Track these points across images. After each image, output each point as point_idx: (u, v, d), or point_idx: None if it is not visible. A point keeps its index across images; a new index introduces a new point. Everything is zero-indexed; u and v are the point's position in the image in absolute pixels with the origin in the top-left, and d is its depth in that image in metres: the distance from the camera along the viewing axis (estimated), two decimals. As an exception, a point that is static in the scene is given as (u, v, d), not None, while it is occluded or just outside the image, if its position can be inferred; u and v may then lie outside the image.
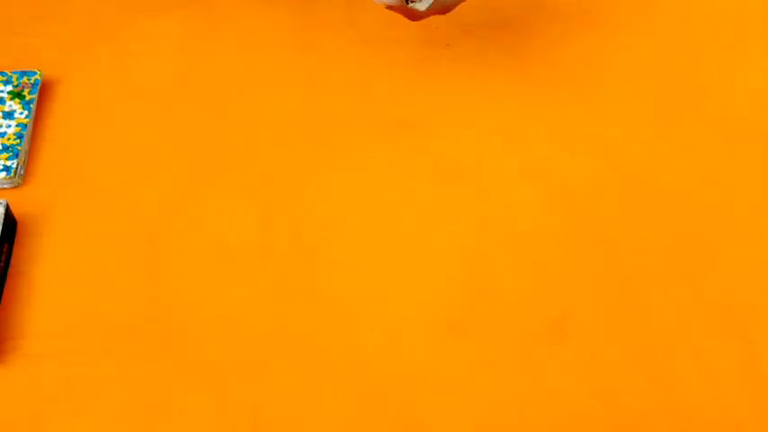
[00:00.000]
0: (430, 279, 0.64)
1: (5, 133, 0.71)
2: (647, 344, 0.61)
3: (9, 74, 0.75)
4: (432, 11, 0.65)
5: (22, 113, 0.72)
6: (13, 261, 0.65)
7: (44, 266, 0.65)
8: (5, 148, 0.70)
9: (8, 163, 0.69)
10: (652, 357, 0.61)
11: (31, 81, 0.75)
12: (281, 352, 0.61)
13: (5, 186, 0.69)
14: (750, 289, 0.64)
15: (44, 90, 0.76)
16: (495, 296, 0.64)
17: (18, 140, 0.71)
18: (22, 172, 0.70)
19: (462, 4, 0.83)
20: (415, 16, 0.66)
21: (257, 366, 0.60)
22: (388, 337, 0.62)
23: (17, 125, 0.72)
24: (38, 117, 0.74)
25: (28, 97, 0.73)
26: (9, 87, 0.74)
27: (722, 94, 0.76)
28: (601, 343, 0.61)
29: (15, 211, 0.67)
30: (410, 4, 0.64)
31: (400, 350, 0.61)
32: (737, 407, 0.58)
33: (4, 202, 0.65)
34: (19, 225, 0.67)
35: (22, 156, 0.70)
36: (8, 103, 0.73)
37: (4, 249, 0.64)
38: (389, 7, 0.65)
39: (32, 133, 0.73)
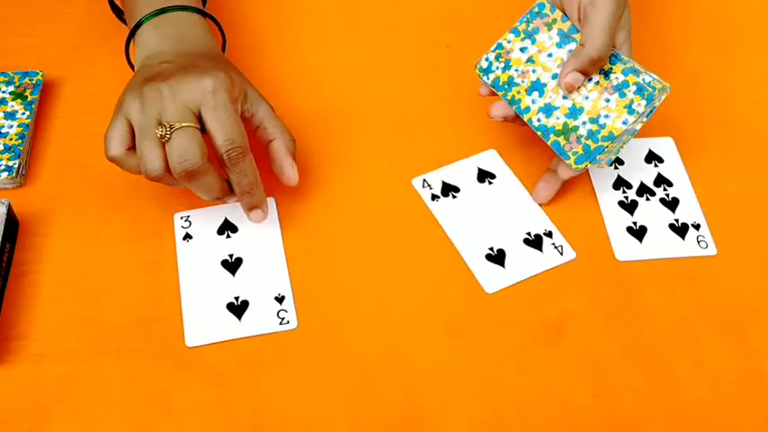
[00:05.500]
0: (429, 278, 0.65)
1: (7, 133, 0.71)
2: (645, 343, 0.61)
3: (11, 74, 0.75)
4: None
5: (23, 114, 0.73)
6: (15, 261, 0.65)
7: (46, 266, 0.65)
8: (7, 149, 0.70)
9: (10, 163, 0.69)
10: (651, 357, 0.61)
11: (33, 82, 0.75)
12: (282, 351, 0.61)
13: (7, 186, 0.69)
14: (749, 289, 0.64)
15: (46, 90, 0.76)
16: (494, 295, 0.64)
17: (20, 141, 0.71)
18: (23, 172, 0.70)
19: (461, 5, 0.83)
20: None
21: (258, 366, 0.60)
22: (387, 336, 0.62)
23: (19, 125, 0.72)
24: (40, 117, 0.74)
25: (30, 98, 0.74)
26: (11, 88, 0.74)
27: (723, 95, 0.76)
28: (599, 342, 0.61)
29: (17, 211, 0.67)
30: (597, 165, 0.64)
31: (400, 350, 0.61)
32: (736, 406, 0.59)
33: (6, 202, 0.65)
34: (21, 225, 0.67)
35: (23, 156, 0.70)
36: (10, 103, 0.73)
37: (6, 249, 0.64)
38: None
39: (34, 134, 0.73)
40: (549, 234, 0.65)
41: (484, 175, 0.69)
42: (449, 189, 0.68)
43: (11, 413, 0.58)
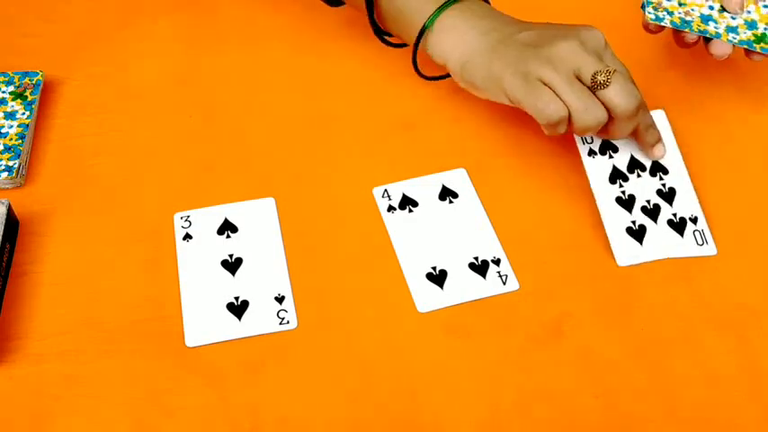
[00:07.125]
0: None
1: (7, 133, 0.71)
2: (645, 343, 0.61)
3: (11, 74, 0.75)
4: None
5: (23, 114, 0.73)
6: (15, 261, 0.65)
7: (46, 266, 0.65)
8: (7, 149, 0.70)
9: (10, 163, 0.69)
10: (651, 357, 0.61)
11: (33, 82, 0.75)
12: (282, 351, 0.61)
13: (7, 186, 0.69)
14: (749, 289, 0.64)
15: (46, 91, 0.76)
16: (494, 295, 0.64)
17: (20, 141, 0.71)
18: (23, 172, 0.70)
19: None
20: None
21: (258, 366, 0.60)
22: (387, 336, 0.62)
23: (19, 125, 0.72)
24: (40, 117, 0.74)
25: (30, 98, 0.74)
26: (11, 88, 0.74)
27: (723, 94, 0.76)
28: (599, 342, 0.61)
29: (17, 211, 0.67)
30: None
31: (400, 350, 0.61)
32: (736, 406, 0.58)
33: (6, 202, 0.65)
34: (21, 225, 0.67)
35: (23, 156, 0.70)
36: (10, 103, 0.73)
37: (6, 249, 0.64)
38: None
39: (34, 134, 0.73)
40: (497, 261, 0.64)
41: (446, 194, 0.68)
42: (407, 203, 0.68)
43: (11, 413, 0.58)
